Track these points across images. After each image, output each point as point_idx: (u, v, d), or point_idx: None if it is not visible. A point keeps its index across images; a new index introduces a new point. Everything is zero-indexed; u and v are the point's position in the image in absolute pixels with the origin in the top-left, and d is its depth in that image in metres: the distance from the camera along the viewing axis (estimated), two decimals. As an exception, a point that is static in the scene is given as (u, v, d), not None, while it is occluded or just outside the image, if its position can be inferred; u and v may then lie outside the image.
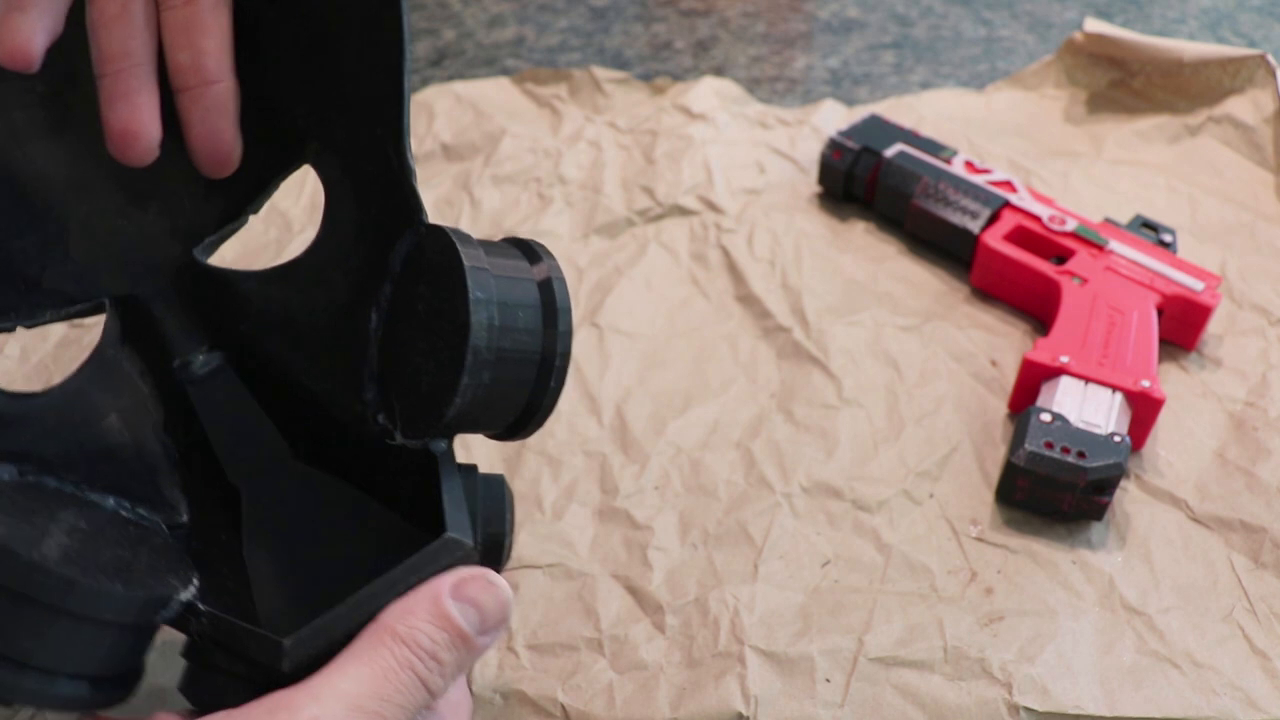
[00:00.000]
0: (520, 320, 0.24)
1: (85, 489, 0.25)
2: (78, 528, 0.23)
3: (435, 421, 0.24)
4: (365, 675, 0.20)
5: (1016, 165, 0.60)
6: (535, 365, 0.25)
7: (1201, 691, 0.35)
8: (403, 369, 0.26)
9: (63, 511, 0.23)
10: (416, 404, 0.25)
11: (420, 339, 0.25)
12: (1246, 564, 0.39)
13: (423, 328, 0.25)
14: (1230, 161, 0.59)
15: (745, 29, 0.79)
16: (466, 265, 0.24)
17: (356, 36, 0.25)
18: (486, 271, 0.24)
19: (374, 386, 0.26)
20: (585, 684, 0.36)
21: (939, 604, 0.38)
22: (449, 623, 0.22)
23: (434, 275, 0.25)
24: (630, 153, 0.62)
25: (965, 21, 0.79)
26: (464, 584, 0.22)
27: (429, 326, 0.25)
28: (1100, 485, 0.39)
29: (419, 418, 0.25)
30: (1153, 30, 0.77)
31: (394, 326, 0.26)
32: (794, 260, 0.54)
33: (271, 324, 0.28)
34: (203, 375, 0.28)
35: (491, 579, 0.23)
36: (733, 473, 0.43)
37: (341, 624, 0.22)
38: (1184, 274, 0.48)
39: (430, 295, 0.25)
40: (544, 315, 0.25)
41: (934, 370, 0.48)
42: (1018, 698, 0.35)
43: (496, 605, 0.23)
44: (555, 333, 0.25)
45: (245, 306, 0.29)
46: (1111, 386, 0.42)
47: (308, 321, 0.28)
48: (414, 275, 0.26)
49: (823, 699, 0.35)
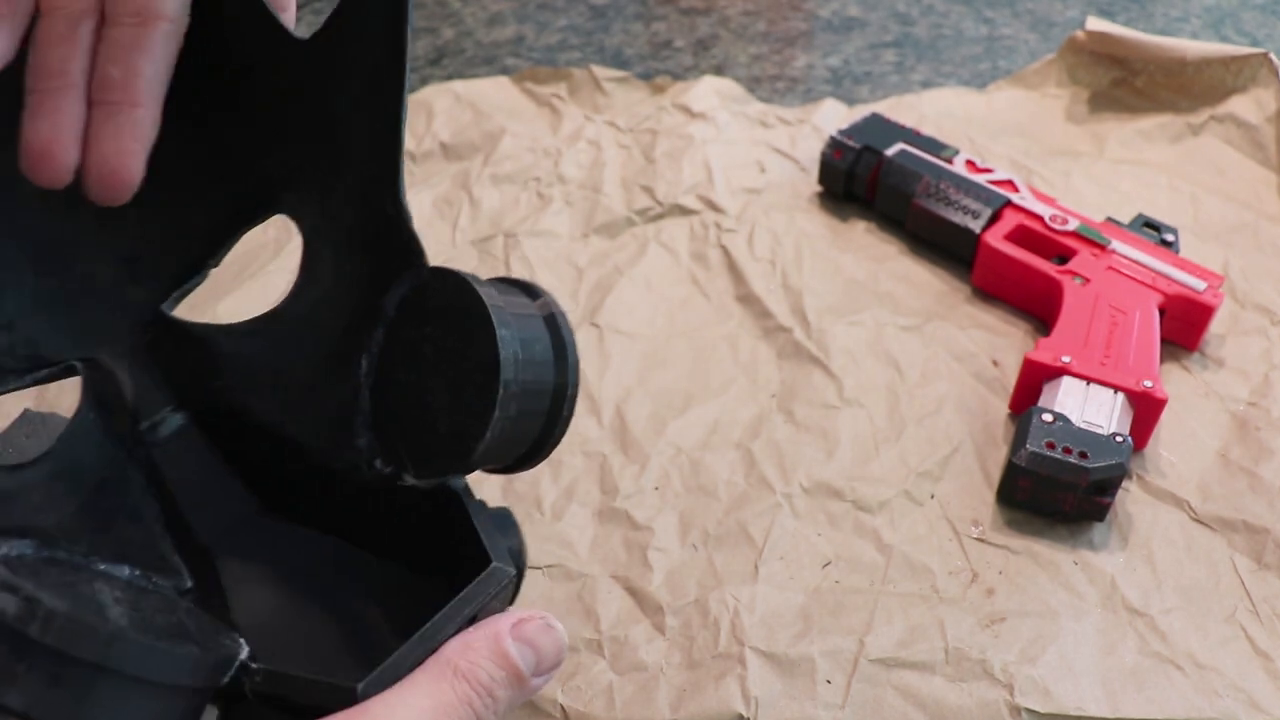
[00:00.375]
0: (537, 354, 0.25)
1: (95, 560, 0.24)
2: (117, 597, 0.22)
3: (461, 460, 0.24)
4: (427, 707, 0.21)
5: (1018, 164, 0.60)
6: (549, 397, 0.25)
7: (1204, 693, 0.35)
8: (409, 412, 0.25)
9: (95, 582, 0.23)
10: (433, 445, 0.25)
11: (431, 381, 0.25)
12: (1249, 565, 0.39)
13: (433, 370, 0.25)
14: (1233, 161, 0.59)
15: (746, 27, 0.79)
16: (489, 304, 0.24)
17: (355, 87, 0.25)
18: (504, 309, 0.24)
19: (367, 433, 0.26)
20: (585, 685, 0.36)
21: (940, 605, 0.38)
22: (507, 662, 0.22)
23: (444, 317, 0.24)
24: (630, 152, 0.62)
25: (967, 20, 0.79)
26: (523, 625, 0.23)
27: (441, 368, 0.25)
28: (1102, 486, 0.39)
29: (437, 459, 0.25)
30: (1155, 29, 0.77)
31: (391, 371, 0.26)
32: (794, 260, 0.54)
33: (248, 378, 0.28)
34: (166, 437, 0.28)
35: (551, 622, 0.24)
36: (733, 473, 0.43)
37: (407, 662, 0.22)
38: (1186, 274, 0.48)
39: (441, 337, 0.25)
40: (554, 348, 0.25)
41: (935, 370, 0.47)
42: (1019, 699, 0.35)
43: (554, 648, 0.24)
44: (565, 365, 0.26)
45: (218, 363, 0.28)
46: (1113, 387, 0.42)
47: (288, 373, 0.28)
48: (416, 318, 0.25)
49: (823, 700, 0.35)
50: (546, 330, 0.25)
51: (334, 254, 0.27)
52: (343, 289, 0.27)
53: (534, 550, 0.41)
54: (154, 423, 0.28)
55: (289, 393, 0.27)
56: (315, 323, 0.27)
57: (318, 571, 0.28)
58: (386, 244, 0.25)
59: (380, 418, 0.26)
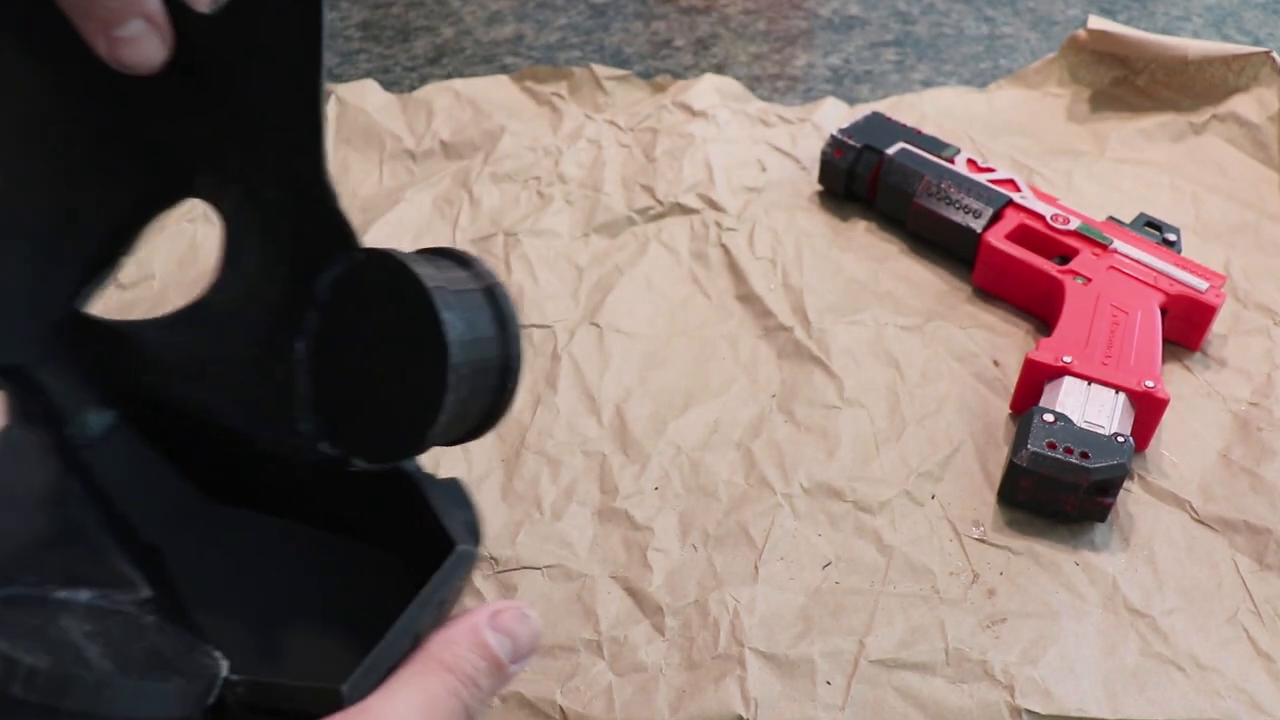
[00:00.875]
0: (481, 330, 0.24)
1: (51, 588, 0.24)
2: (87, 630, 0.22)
3: (415, 443, 0.24)
4: (418, 703, 0.22)
5: (1019, 164, 0.60)
6: (497, 372, 0.25)
7: (1205, 694, 0.35)
8: (354, 397, 0.25)
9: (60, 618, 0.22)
10: (383, 431, 0.25)
11: (376, 365, 0.24)
12: (1251, 565, 0.39)
13: (376, 354, 0.24)
14: (1235, 160, 0.59)
15: (746, 26, 0.79)
16: (430, 286, 0.23)
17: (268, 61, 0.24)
18: (445, 289, 0.24)
19: (310, 416, 0.26)
20: (584, 686, 0.36)
21: (941, 606, 0.38)
22: (488, 652, 0.23)
23: (383, 301, 0.24)
24: (630, 151, 0.62)
25: (967, 19, 0.79)
26: (500, 615, 0.24)
27: (385, 353, 0.24)
28: (1103, 486, 0.39)
29: (388, 444, 0.25)
30: (1156, 28, 0.76)
31: (330, 355, 0.25)
32: (795, 259, 0.54)
33: (177, 371, 0.27)
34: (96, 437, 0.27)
35: (525, 611, 0.25)
36: (733, 473, 0.43)
37: (388, 656, 0.22)
38: (1188, 273, 0.48)
39: (382, 321, 0.24)
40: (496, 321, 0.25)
41: (936, 370, 0.47)
42: (1020, 700, 0.34)
43: (529, 635, 0.25)
44: (508, 336, 0.25)
45: (144, 357, 0.27)
46: (1115, 387, 0.42)
47: (220, 362, 0.27)
48: (353, 302, 0.25)
49: (823, 701, 0.35)
50: (487, 303, 0.25)
51: (258, 238, 0.26)
52: (269, 274, 0.26)
53: (533, 550, 0.40)
54: (80, 425, 0.27)
55: (222, 382, 0.27)
56: (243, 310, 0.26)
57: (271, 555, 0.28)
58: (314, 225, 0.25)
59: (323, 402, 0.26)
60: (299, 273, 0.25)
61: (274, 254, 0.26)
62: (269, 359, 0.26)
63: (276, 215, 0.26)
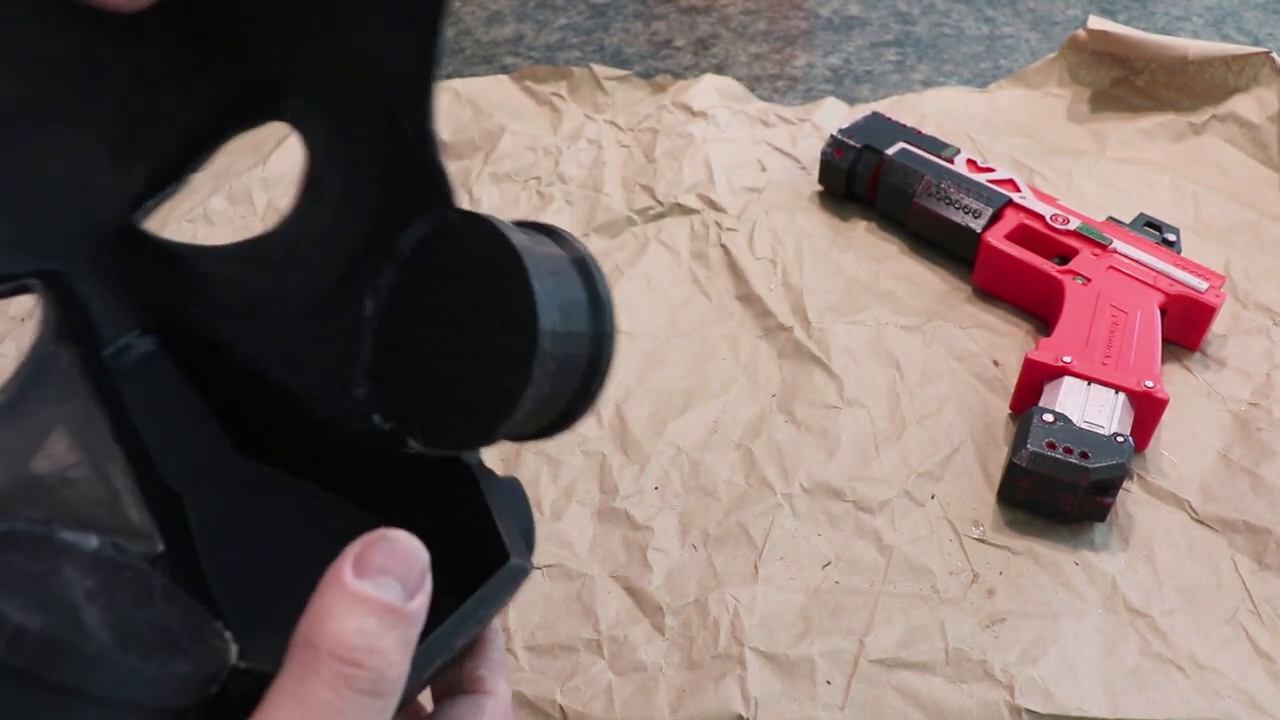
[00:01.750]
0: (574, 322, 0.22)
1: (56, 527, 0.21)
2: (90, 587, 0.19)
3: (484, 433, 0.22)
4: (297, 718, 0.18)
5: (1019, 164, 0.60)
6: (585, 357, 0.22)
7: (1205, 694, 0.35)
8: (421, 372, 0.23)
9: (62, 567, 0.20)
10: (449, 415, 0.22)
11: (450, 340, 0.22)
12: (1250, 565, 0.39)
13: (452, 328, 0.22)
14: (1235, 160, 0.59)
15: (746, 26, 0.79)
16: (530, 267, 0.21)
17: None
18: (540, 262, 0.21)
19: (367, 383, 0.23)
20: (584, 685, 0.36)
21: (940, 605, 0.38)
22: (370, 603, 0.19)
23: (472, 268, 0.21)
24: (630, 151, 0.62)
25: (968, 19, 0.79)
26: (363, 558, 0.20)
27: (463, 326, 0.22)
28: (1103, 486, 0.39)
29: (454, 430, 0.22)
30: (1156, 28, 0.76)
31: (402, 321, 0.23)
32: (795, 259, 0.54)
33: (230, 307, 0.25)
34: (133, 365, 0.25)
35: (388, 535, 0.20)
36: (733, 473, 0.43)
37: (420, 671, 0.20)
38: (1188, 273, 0.48)
39: (466, 289, 0.21)
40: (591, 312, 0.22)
41: (936, 370, 0.47)
42: (1020, 700, 0.34)
43: (409, 560, 0.20)
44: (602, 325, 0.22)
45: (196, 286, 0.25)
46: (1114, 387, 0.42)
47: (277, 305, 0.24)
48: (438, 266, 0.22)
49: (823, 701, 0.35)
50: (579, 278, 0.22)
51: (342, 179, 0.24)
52: (348, 219, 0.24)
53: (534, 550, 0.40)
54: (119, 348, 0.24)
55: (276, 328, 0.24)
56: (315, 251, 0.24)
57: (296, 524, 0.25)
58: (407, 175, 0.22)
59: (384, 370, 0.23)
60: (382, 224, 0.23)
61: (357, 198, 0.23)
62: (332, 311, 0.23)
63: (367, 156, 0.23)
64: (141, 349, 0.25)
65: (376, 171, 0.23)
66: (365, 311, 0.23)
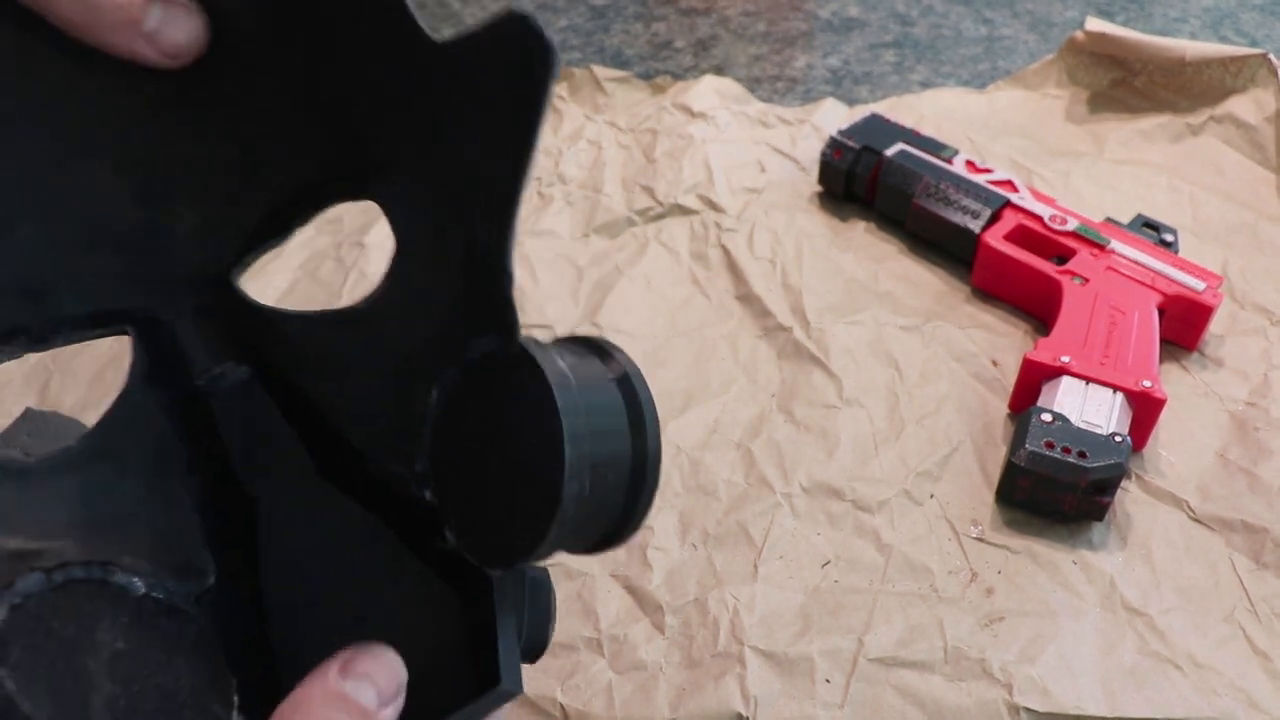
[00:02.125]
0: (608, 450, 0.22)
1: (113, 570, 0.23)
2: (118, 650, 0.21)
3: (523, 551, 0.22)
4: None
5: (1018, 165, 0.60)
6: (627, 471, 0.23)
7: (1203, 692, 0.35)
8: (467, 477, 0.24)
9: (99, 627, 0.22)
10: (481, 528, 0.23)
11: (490, 461, 0.23)
12: (1248, 564, 0.39)
13: (494, 452, 0.23)
14: (1232, 161, 0.59)
15: (746, 28, 0.79)
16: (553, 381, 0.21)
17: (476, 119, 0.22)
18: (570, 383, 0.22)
19: (426, 461, 0.24)
20: (584, 684, 0.36)
21: (939, 604, 0.38)
22: (347, 702, 0.21)
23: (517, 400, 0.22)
24: (630, 152, 0.62)
25: (966, 20, 0.79)
26: (352, 662, 0.22)
27: (503, 455, 0.22)
28: (1101, 485, 0.39)
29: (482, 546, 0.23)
30: (1154, 29, 0.77)
31: (459, 422, 0.24)
32: (795, 260, 0.54)
33: (314, 365, 0.26)
34: (228, 387, 0.26)
35: (376, 650, 0.22)
36: (733, 473, 0.43)
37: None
38: (1185, 274, 0.48)
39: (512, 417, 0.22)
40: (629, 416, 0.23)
41: (935, 370, 0.47)
42: (1018, 698, 0.35)
43: (390, 672, 0.22)
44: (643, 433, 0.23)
45: (286, 344, 0.26)
46: (1112, 386, 0.42)
47: (358, 375, 0.26)
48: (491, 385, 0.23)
49: (822, 700, 0.35)
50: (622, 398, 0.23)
51: (422, 270, 0.25)
52: (426, 310, 0.25)
53: (534, 549, 0.41)
54: (214, 375, 0.26)
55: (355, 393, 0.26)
56: (393, 333, 0.25)
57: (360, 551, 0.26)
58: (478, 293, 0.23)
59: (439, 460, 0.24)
60: (454, 324, 0.24)
61: (435, 294, 0.24)
62: (404, 393, 0.25)
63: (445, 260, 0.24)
64: (236, 376, 0.27)
65: (451, 276, 0.24)
66: (431, 399, 0.24)
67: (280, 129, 0.25)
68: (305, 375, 0.26)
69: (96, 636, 0.21)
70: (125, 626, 0.22)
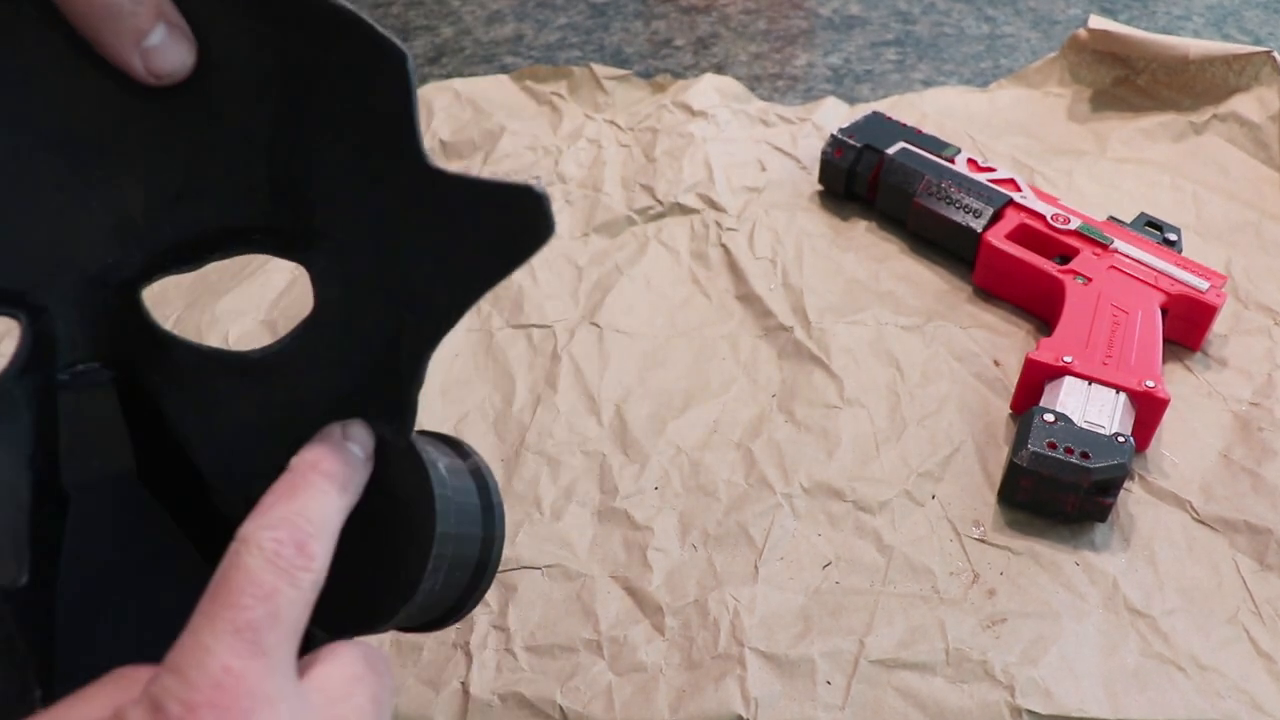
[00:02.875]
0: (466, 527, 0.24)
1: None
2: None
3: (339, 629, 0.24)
4: None
5: (1020, 163, 0.60)
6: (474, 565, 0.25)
7: (1206, 694, 0.35)
8: None
9: None
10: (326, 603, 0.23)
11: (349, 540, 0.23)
12: (1252, 565, 0.39)
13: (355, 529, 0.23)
14: (1236, 159, 0.59)
15: (746, 26, 0.79)
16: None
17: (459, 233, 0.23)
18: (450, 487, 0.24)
19: None
20: (584, 686, 0.36)
21: (941, 606, 0.38)
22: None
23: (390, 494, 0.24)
24: (630, 150, 0.62)
25: (968, 18, 0.79)
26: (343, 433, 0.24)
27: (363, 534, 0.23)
28: (1104, 486, 0.39)
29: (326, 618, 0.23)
30: (1157, 27, 0.76)
31: None
32: (795, 259, 0.54)
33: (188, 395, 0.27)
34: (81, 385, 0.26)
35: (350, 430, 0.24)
36: (733, 473, 0.43)
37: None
38: (1189, 273, 0.48)
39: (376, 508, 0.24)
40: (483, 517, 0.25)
41: (936, 370, 0.47)
42: (1020, 700, 0.34)
43: None
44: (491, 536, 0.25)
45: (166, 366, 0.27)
46: (1115, 386, 0.42)
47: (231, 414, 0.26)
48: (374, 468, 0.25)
49: (823, 701, 0.35)
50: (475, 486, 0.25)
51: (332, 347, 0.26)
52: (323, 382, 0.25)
53: (533, 550, 0.40)
54: (76, 372, 0.26)
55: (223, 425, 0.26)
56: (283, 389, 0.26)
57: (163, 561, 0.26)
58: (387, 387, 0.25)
59: None
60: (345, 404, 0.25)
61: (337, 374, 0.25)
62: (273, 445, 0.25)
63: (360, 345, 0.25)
64: (97, 377, 0.27)
65: (360, 358, 0.25)
66: None
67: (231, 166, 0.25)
68: (173, 398, 0.27)
69: None
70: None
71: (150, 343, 0.27)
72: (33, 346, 0.25)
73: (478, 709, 0.35)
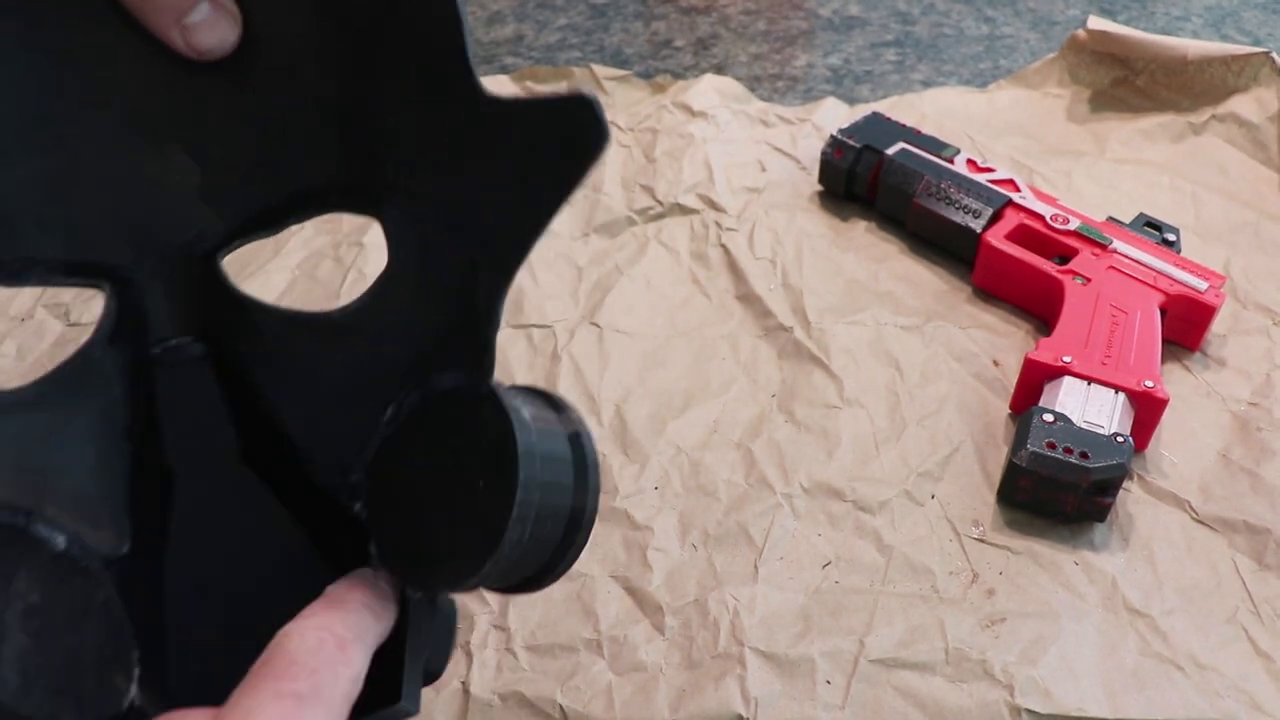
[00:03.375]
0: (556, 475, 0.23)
1: (35, 519, 0.23)
2: (32, 604, 0.22)
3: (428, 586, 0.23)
4: None
5: (1019, 164, 0.60)
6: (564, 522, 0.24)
7: (1205, 694, 0.35)
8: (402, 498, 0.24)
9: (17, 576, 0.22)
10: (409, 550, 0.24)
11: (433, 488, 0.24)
12: (1250, 565, 0.39)
13: (440, 480, 0.23)
14: (1235, 160, 0.59)
15: (746, 26, 0.79)
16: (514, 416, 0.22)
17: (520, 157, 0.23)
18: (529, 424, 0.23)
19: (363, 474, 0.25)
20: (584, 685, 0.36)
21: (940, 605, 0.38)
22: None
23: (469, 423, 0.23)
24: (631, 151, 0.62)
25: (968, 19, 0.79)
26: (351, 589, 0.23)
27: (448, 486, 0.23)
28: (1103, 486, 0.39)
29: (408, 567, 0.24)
30: (1156, 28, 0.76)
31: (408, 443, 0.25)
32: (795, 259, 0.54)
33: (276, 360, 0.27)
34: (177, 361, 0.27)
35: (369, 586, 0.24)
36: (733, 473, 0.43)
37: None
38: (1188, 273, 0.48)
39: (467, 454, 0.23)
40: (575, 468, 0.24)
41: (935, 370, 0.47)
42: (1020, 699, 0.34)
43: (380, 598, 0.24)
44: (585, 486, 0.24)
45: (253, 333, 0.27)
46: (1114, 387, 0.42)
47: (318, 376, 0.26)
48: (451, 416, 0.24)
49: (823, 701, 0.35)
50: (570, 450, 0.24)
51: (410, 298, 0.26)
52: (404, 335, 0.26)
53: (533, 550, 0.40)
54: (170, 347, 0.26)
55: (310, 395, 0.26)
56: (364, 347, 0.26)
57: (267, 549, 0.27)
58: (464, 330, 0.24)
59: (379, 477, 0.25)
60: (427, 355, 0.25)
61: (416, 324, 0.25)
62: (359, 405, 0.25)
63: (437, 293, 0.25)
64: (191, 352, 0.27)
65: (436, 307, 0.25)
66: (384, 417, 0.25)
67: (302, 130, 0.26)
68: (263, 367, 0.27)
69: (14, 586, 0.22)
70: (40, 580, 0.22)
71: (234, 311, 0.27)
72: (118, 317, 0.26)
73: (478, 708, 0.35)
